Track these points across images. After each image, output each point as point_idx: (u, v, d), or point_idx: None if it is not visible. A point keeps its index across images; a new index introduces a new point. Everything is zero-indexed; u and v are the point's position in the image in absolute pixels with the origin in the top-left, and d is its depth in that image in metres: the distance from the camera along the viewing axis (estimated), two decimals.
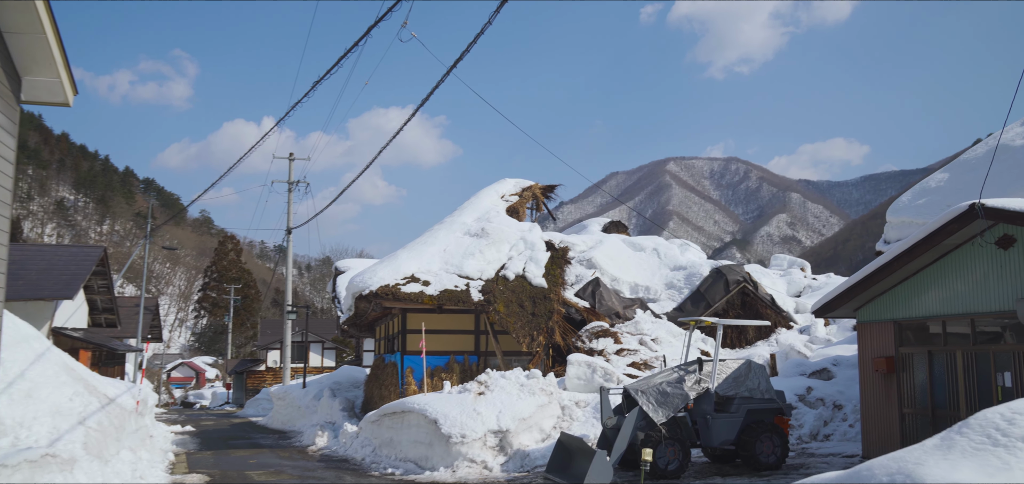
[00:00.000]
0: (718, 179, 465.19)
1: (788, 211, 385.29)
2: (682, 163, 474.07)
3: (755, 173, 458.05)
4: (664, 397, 14.53)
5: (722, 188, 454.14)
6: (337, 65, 12.50)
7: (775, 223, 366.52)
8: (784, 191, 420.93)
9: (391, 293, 22.47)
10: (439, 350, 23.68)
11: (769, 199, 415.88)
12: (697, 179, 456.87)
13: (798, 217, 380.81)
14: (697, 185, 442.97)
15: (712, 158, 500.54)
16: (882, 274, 14.51)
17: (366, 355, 49.83)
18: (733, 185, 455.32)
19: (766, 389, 15.37)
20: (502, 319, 22.92)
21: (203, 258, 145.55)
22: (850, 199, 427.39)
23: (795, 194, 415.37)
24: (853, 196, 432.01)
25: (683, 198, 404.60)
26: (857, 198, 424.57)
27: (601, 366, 19.85)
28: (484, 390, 17.97)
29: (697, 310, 28.76)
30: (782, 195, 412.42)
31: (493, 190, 28.91)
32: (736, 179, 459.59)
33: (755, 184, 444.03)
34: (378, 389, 25.26)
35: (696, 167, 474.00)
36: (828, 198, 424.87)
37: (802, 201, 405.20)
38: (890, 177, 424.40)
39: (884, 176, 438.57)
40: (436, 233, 25.79)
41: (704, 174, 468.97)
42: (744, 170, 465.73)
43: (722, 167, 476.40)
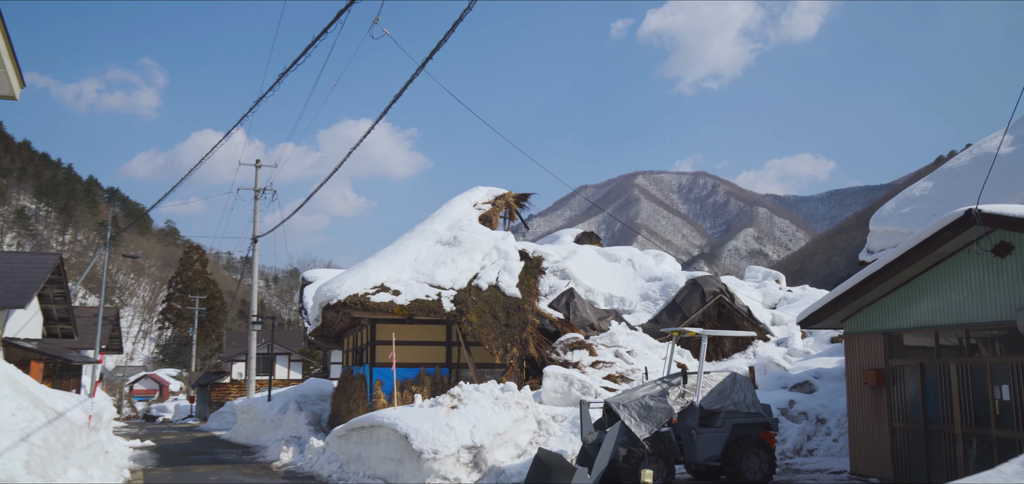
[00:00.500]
0: (686, 193, 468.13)
1: (755, 225, 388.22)
2: (651, 177, 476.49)
3: (723, 187, 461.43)
4: (647, 411, 13.89)
5: (690, 202, 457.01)
6: (305, 55, 11.76)
7: (742, 237, 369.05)
8: (751, 206, 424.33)
9: (360, 303, 21.66)
10: (409, 362, 22.90)
11: (737, 213, 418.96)
12: (665, 193, 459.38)
13: (765, 231, 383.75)
14: (665, 199, 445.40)
15: (680, 172, 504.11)
16: (871, 283, 14.00)
17: (334, 367, 48.76)
18: (701, 199, 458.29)
19: (752, 403, 14.79)
20: (475, 330, 22.20)
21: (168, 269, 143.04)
22: (816, 214, 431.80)
23: (762, 209, 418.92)
24: (819, 211, 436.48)
25: (652, 212, 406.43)
26: (823, 213, 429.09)
27: (578, 379, 19.18)
28: (457, 404, 17.22)
29: (673, 321, 28.20)
30: (749, 209, 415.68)
31: (465, 198, 28.20)
32: (704, 193, 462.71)
33: (723, 198, 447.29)
34: (346, 402, 24.41)
35: (665, 181, 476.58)
36: (795, 213, 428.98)
37: (769, 216, 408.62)
38: (855, 192, 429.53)
39: (849, 191, 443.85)
40: (407, 241, 25.02)
41: (672, 188, 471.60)
42: (712, 184, 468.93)
43: (690, 181, 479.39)
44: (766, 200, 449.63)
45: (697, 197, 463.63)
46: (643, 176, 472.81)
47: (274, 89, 12.98)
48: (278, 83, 12.79)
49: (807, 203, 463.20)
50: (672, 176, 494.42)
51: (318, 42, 11.81)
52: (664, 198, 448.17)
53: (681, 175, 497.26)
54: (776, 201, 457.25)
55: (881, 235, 18.67)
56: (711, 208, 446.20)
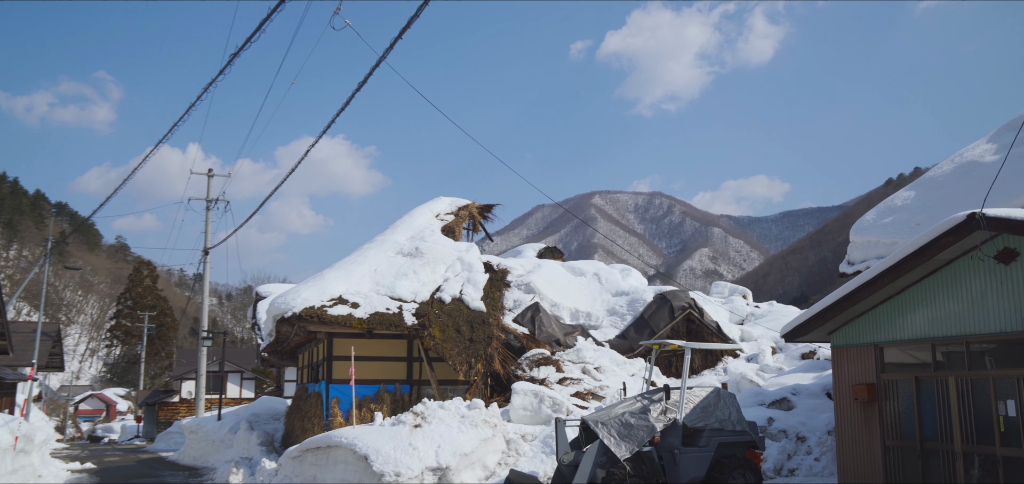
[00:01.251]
0: (642, 213, 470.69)
1: (710, 245, 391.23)
2: (607, 197, 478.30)
3: (678, 208, 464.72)
4: (627, 429, 12.95)
5: (647, 222, 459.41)
6: (260, 30, 10.69)
7: (697, 257, 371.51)
8: (706, 226, 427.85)
9: (316, 316, 20.48)
10: (368, 379, 21.74)
11: (692, 233, 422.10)
12: (622, 213, 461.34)
13: (720, 251, 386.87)
14: (622, 219, 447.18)
15: (637, 192, 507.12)
16: (862, 294, 13.24)
17: (288, 385, 47.23)
18: (657, 219, 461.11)
19: (737, 420, 13.92)
20: (437, 345, 21.14)
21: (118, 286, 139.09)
22: (770, 234, 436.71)
23: (717, 229, 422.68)
24: (773, 232, 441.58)
25: (608, 231, 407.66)
26: (776, 233, 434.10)
27: (549, 396, 18.19)
28: (421, 422, 16.14)
29: (641, 337, 27.37)
30: (705, 230, 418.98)
31: (427, 208, 27.17)
32: (660, 213, 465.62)
33: (678, 218, 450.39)
34: (300, 421, 23.15)
35: (621, 201, 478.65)
36: (749, 233, 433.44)
37: (724, 236, 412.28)
38: (807, 213, 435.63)
39: (801, 212, 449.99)
40: (366, 252, 23.89)
41: (629, 208, 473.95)
42: (668, 204, 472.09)
43: (646, 201, 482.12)
44: (721, 220, 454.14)
45: (653, 217, 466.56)
46: (600, 195, 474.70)
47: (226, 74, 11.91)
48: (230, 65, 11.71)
49: (761, 223, 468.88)
50: (628, 196, 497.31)
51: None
52: (620, 218, 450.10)
53: (638, 195, 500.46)
54: (731, 221, 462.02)
55: (862, 246, 18.02)
56: (667, 228, 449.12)
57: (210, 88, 12.85)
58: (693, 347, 14.63)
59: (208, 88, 13.18)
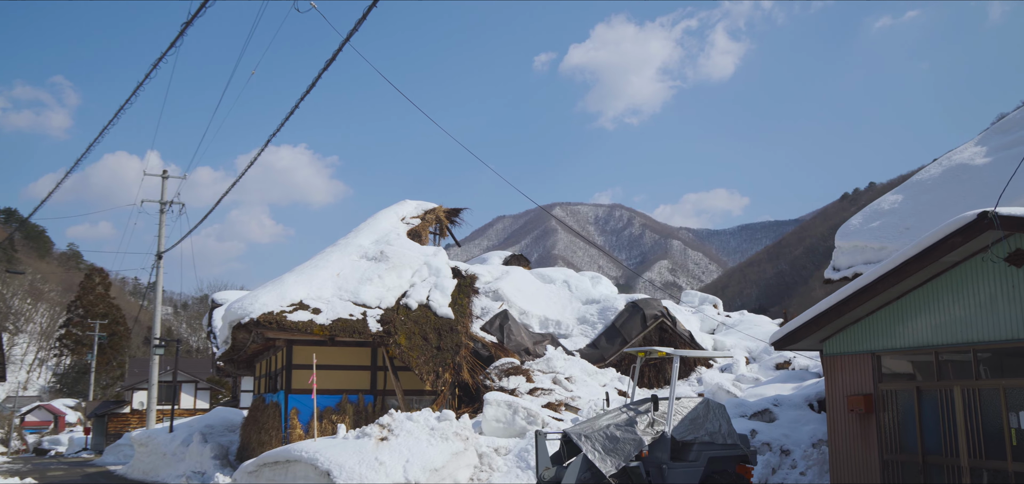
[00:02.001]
0: (603, 225, 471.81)
1: (669, 258, 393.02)
2: (568, 208, 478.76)
3: (638, 220, 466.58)
4: (613, 443, 12.06)
5: (607, 234, 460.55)
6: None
7: (657, 269, 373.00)
8: (666, 238, 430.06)
9: (275, 321, 19.35)
10: (330, 388, 20.64)
11: (651, 246, 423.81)
12: (582, 224, 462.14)
13: (679, 264, 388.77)
14: (582, 230, 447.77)
15: (597, 204, 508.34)
16: (859, 299, 12.50)
17: (244, 396, 45.70)
18: (617, 231, 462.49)
19: (728, 432, 13.09)
20: (403, 353, 20.12)
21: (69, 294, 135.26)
22: (728, 247, 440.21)
23: (676, 241, 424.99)
24: (731, 245, 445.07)
25: (568, 243, 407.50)
26: (734, 246, 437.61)
27: (523, 407, 17.24)
28: (387, 435, 15.11)
29: (612, 346, 26.57)
30: (664, 242, 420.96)
31: (392, 212, 26.13)
32: (620, 225, 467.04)
33: (638, 231, 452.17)
34: (257, 433, 21.96)
35: (581, 213, 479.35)
36: (708, 245, 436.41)
37: (683, 248, 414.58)
38: (765, 227, 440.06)
39: (759, 226, 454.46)
40: (329, 256, 22.79)
41: (589, 220, 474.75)
42: (628, 217, 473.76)
43: (607, 213, 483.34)
44: (680, 233, 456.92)
45: (613, 229, 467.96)
46: (560, 207, 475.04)
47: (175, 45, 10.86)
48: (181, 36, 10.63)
49: (720, 236, 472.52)
50: (589, 208, 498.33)
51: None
52: (581, 229, 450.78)
53: (598, 207, 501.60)
54: (690, 234, 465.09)
55: (849, 251, 17.36)
56: (627, 240, 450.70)
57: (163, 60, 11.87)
58: (682, 355, 13.79)
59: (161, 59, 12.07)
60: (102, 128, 16.20)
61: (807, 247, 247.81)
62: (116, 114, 14.14)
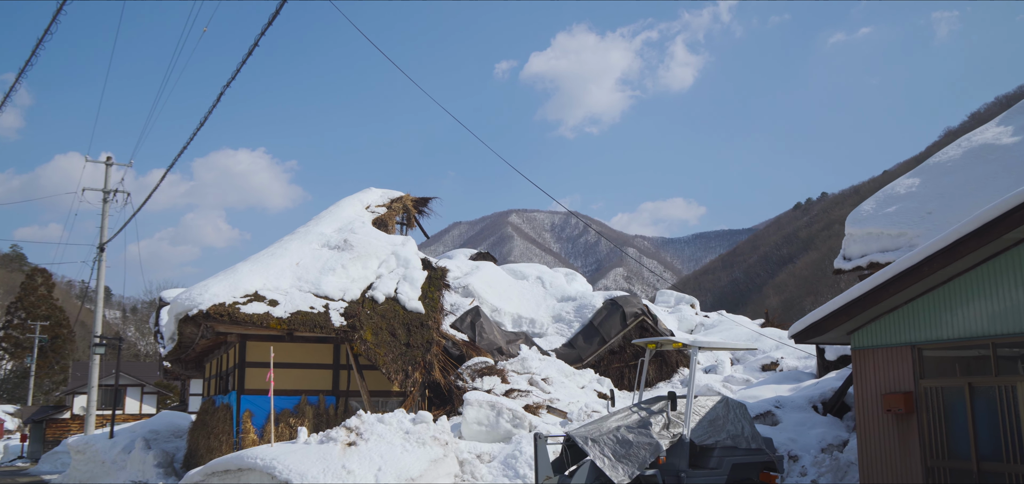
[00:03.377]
0: (558, 232, 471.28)
1: (624, 265, 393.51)
2: (524, 215, 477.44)
3: (594, 227, 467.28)
4: (625, 448, 10.39)
5: (562, 241, 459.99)
6: None
7: (612, 277, 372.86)
8: (621, 246, 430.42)
9: (227, 314, 17.37)
10: (288, 389, 18.71)
11: (607, 253, 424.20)
12: (538, 232, 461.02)
13: (634, 271, 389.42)
14: (538, 237, 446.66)
15: (553, 212, 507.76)
16: (901, 283, 10.98)
17: (194, 400, 43.23)
18: (573, 238, 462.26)
19: (751, 435, 11.53)
20: (369, 350, 18.26)
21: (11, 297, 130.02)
22: (683, 255, 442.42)
23: (632, 249, 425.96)
24: (685, 253, 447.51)
25: (524, 249, 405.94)
26: (689, 255, 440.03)
27: (508, 408, 15.48)
28: (356, 439, 13.27)
29: (590, 346, 24.93)
30: (620, 250, 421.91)
31: (356, 199, 24.22)
32: (576, 233, 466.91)
33: (594, 238, 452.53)
34: (205, 438, 19.94)
35: (537, 220, 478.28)
36: (663, 253, 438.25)
37: (639, 256, 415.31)
38: (719, 235, 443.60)
39: (713, 234, 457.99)
40: (287, 245, 20.84)
41: (545, 227, 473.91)
42: (584, 224, 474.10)
43: (563, 221, 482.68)
44: (636, 241, 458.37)
45: (569, 236, 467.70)
46: (516, 214, 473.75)
47: None
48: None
49: (674, 245, 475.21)
50: (545, 215, 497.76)
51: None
52: (537, 236, 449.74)
53: (554, 214, 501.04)
54: (646, 242, 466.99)
55: (862, 238, 15.90)
56: (582, 247, 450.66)
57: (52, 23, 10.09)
58: (704, 346, 12.13)
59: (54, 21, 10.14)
60: (13, 83, 14.05)
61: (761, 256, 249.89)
62: (38, 43, 12.07)
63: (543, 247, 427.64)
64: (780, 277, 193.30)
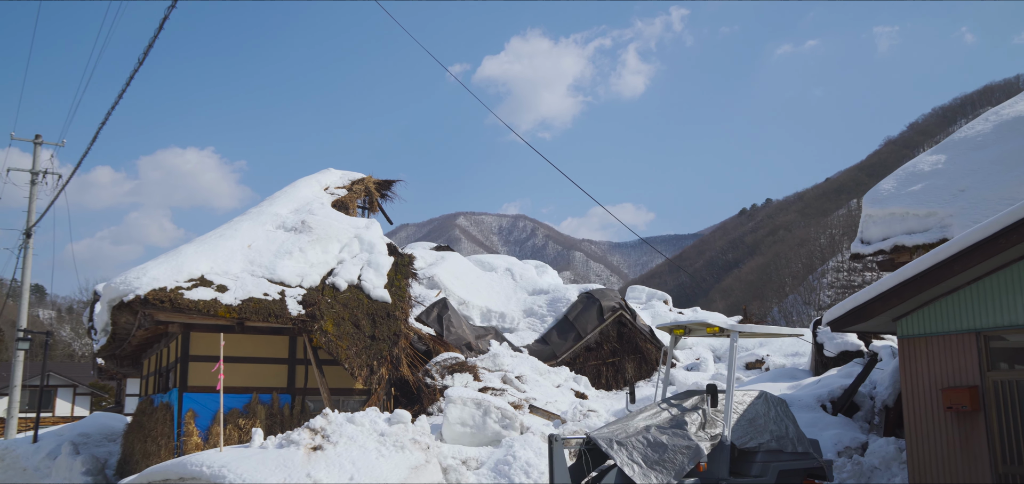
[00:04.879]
0: (506, 235, 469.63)
1: (571, 269, 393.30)
2: (472, 218, 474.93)
3: (542, 231, 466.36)
4: (658, 452, 8.64)
5: (510, 244, 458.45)
6: None
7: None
8: (568, 250, 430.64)
9: (169, 300, 15.21)
10: (237, 386, 16.61)
11: (554, 257, 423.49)
12: (486, 235, 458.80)
13: (581, 275, 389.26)
14: (486, 240, 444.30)
15: (501, 215, 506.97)
16: (965, 261, 9.44)
17: (130, 401, 40.47)
18: (520, 242, 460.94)
19: (796, 436, 9.87)
20: (330, 342, 16.26)
21: None
22: (629, 260, 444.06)
23: (578, 253, 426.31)
24: (631, 257, 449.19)
25: (472, 251, 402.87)
26: (635, 259, 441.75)
27: (497, 406, 13.60)
28: (322, 443, 11.31)
29: (565, 342, 23.21)
30: (566, 254, 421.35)
31: (314, 180, 22.14)
32: (524, 236, 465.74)
33: (541, 242, 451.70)
34: (141, 442, 17.73)
35: (485, 223, 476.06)
36: (610, 257, 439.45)
37: (585, 260, 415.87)
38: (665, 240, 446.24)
39: (659, 239, 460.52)
40: (238, 225, 18.72)
41: (493, 230, 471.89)
42: (531, 227, 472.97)
43: (511, 224, 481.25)
44: (583, 245, 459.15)
45: (517, 240, 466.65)
46: (464, 217, 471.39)
47: None
48: None
49: (621, 249, 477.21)
50: (493, 218, 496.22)
51: None
52: (484, 239, 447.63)
53: (502, 217, 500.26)
54: (593, 246, 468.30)
55: (884, 219, 14.39)
56: (530, 251, 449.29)
57: None
58: (744, 330, 10.38)
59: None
60: None
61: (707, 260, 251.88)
62: None
63: (490, 250, 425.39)
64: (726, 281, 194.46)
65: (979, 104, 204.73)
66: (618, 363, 23.26)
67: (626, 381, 23.01)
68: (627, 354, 23.44)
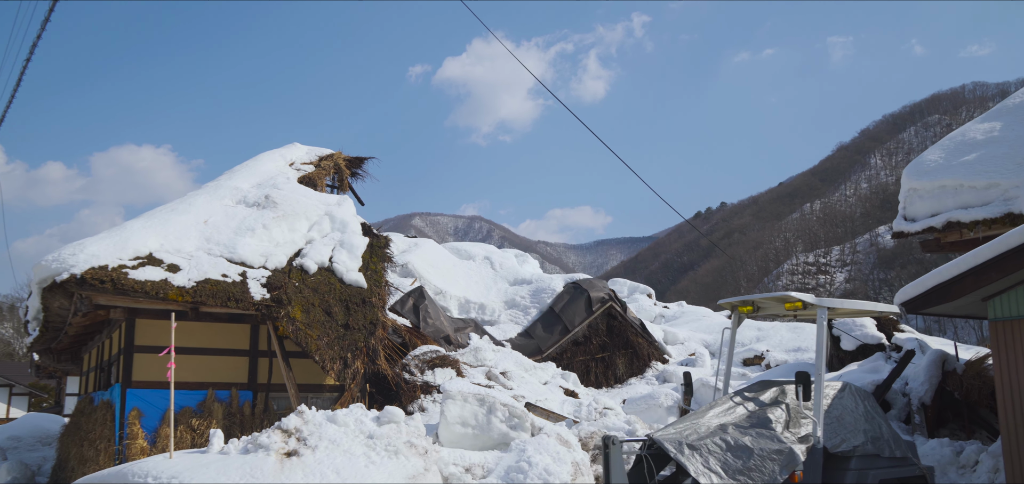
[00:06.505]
0: (462, 236, 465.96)
1: None
2: (427, 218, 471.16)
3: (498, 232, 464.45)
4: (742, 458, 6.83)
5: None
6: None
7: None
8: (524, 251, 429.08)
9: (110, 280, 13.03)
10: (190, 381, 14.46)
11: None
12: (442, 235, 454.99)
13: None
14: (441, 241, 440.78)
15: (457, 216, 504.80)
16: None
17: (71, 401, 37.62)
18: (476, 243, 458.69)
19: (892, 437, 8.12)
20: (299, 331, 14.20)
21: None
22: (584, 262, 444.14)
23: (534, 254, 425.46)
24: (586, 260, 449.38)
25: None
26: (590, 261, 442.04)
27: (503, 404, 11.63)
28: (298, 447, 9.30)
29: (552, 335, 21.39)
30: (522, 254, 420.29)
31: (278, 154, 20.00)
32: (479, 237, 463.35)
33: (498, 243, 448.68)
34: (78, 446, 15.51)
35: (441, 223, 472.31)
36: (565, 259, 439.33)
37: (541, 261, 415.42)
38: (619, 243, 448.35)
39: (612, 241, 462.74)
40: (193, 200, 16.54)
41: (449, 231, 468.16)
42: (487, 229, 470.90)
43: (466, 225, 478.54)
44: (539, 246, 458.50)
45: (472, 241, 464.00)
46: (420, 217, 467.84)
47: None
48: None
49: (576, 251, 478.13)
50: (449, 219, 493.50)
51: None
52: (440, 240, 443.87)
53: (458, 218, 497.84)
54: (548, 248, 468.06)
55: (932, 193, 12.73)
56: None
57: None
58: (836, 307, 8.52)
59: None
60: None
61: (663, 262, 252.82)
62: None
63: None
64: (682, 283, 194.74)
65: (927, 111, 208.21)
66: (608, 359, 21.50)
67: (617, 378, 21.28)
68: (618, 349, 21.69)
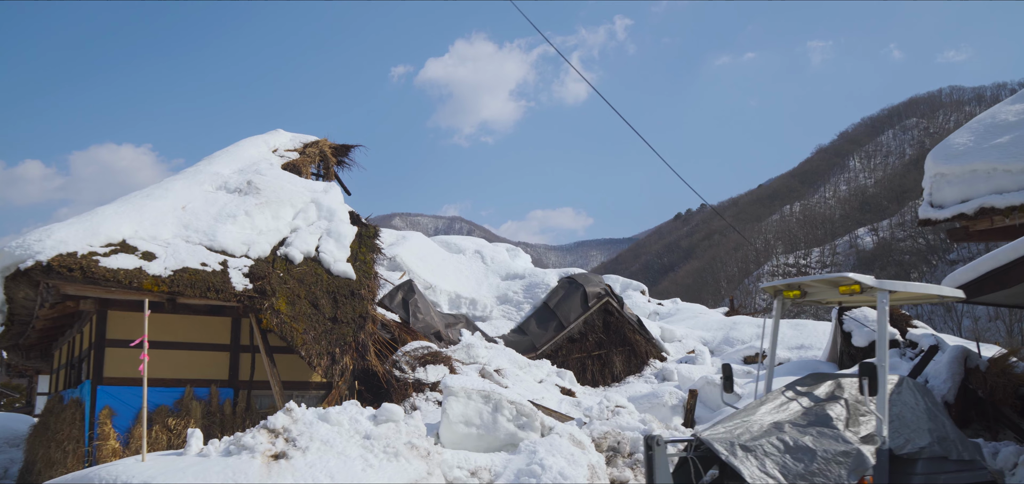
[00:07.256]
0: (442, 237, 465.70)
1: None
2: (407, 219, 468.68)
3: (478, 233, 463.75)
4: (804, 460, 6.00)
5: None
6: None
7: None
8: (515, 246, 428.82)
9: (79, 268, 12.02)
10: (166, 378, 13.48)
11: None
12: None
13: None
14: None
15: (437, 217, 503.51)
16: None
17: (42, 400, 36.30)
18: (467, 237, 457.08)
19: (957, 438, 7.30)
20: (284, 325, 13.24)
21: None
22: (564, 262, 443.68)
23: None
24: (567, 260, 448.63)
25: None
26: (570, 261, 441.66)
27: (510, 401, 10.71)
28: (287, 448, 8.37)
29: (546, 332, 20.53)
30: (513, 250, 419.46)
31: (261, 140, 18.99)
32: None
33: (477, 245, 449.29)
34: (45, 448, 14.49)
35: (422, 224, 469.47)
36: (545, 261, 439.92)
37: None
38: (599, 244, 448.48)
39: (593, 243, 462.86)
40: (171, 185, 15.53)
41: (429, 231, 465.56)
42: (467, 229, 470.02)
43: (447, 225, 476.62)
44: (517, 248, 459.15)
45: None
46: (400, 217, 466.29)
47: None
48: None
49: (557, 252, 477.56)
50: (429, 219, 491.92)
51: None
52: None
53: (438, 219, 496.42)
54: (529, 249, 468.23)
55: (963, 177, 11.95)
56: None
57: None
58: (898, 291, 7.60)
59: None
60: None
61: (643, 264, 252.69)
62: None
63: None
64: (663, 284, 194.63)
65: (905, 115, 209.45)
66: (604, 356, 20.66)
67: (615, 376, 20.45)
68: (615, 346, 20.86)
